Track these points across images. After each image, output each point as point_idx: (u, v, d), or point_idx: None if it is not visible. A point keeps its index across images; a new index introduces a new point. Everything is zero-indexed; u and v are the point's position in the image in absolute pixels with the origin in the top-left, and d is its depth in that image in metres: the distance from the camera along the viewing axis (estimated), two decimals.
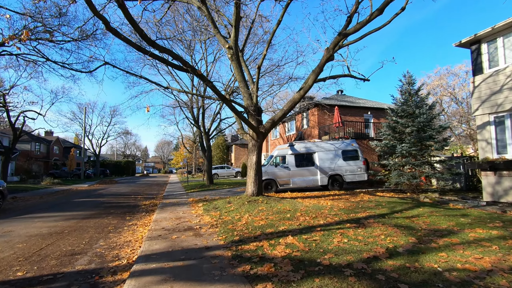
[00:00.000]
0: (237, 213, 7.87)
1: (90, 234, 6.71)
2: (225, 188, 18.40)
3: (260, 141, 9.98)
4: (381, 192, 12.33)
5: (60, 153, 47.57)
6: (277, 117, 9.77)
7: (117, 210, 10.61)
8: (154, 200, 13.96)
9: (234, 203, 8.98)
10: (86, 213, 9.82)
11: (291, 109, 9.76)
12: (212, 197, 12.86)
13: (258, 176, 9.91)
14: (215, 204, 9.76)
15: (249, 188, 9.81)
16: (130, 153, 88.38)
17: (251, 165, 9.94)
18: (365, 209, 8.08)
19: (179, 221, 7.51)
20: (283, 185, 13.17)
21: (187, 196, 14.65)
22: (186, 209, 9.75)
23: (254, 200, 9.04)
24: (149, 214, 9.56)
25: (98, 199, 14.55)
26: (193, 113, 21.26)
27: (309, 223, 6.33)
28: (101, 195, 16.85)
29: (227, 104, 8.09)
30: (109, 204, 12.48)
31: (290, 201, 9.36)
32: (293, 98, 9.51)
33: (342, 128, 18.87)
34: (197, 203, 11.00)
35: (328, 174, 13.16)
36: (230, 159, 48.61)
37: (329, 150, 13.47)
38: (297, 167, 13.27)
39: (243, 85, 9.73)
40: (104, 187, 24.96)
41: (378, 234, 5.19)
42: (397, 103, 12.05)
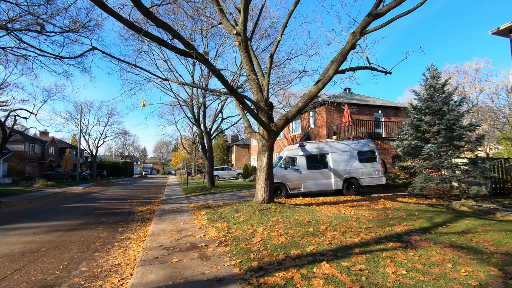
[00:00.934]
0: (249, 225, 6.68)
1: (72, 253, 5.50)
2: (228, 191, 17.21)
3: (271, 140, 8.81)
4: (402, 198, 11.16)
5: (55, 154, 46.22)
6: (291, 114, 8.60)
7: (109, 218, 9.39)
8: (152, 205, 12.75)
9: (243, 212, 7.79)
10: (73, 223, 8.60)
11: (306, 105, 8.60)
12: (215, 203, 11.66)
13: (270, 180, 8.73)
14: (220, 212, 8.56)
15: (259, 194, 8.62)
16: (128, 154, 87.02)
17: (261, 168, 8.76)
18: (399, 220, 6.90)
19: (180, 236, 6.31)
20: (293, 189, 11.99)
21: (187, 201, 13.45)
22: (187, 218, 8.55)
23: (266, 209, 7.85)
24: (145, 224, 8.36)
25: (90, 204, 13.33)
26: (193, 112, 20.07)
27: (340, 241, 5.14)
28: (94, 199, 15.62)
29: (236, 96, 6.92)
30: (102, 210, 11.26)
31: (307, 209, 8.18)
32: (310, 92, 8.34)
33: (352, 128, 17.72)
34: (199, 210, 9.80)
35: (343, 177, 11.99)
36: (230, 160, 47.41)
37: (343, 151, 12.30)
38: (309, 170, 12.09)
39: (253, 77, 8.56)
40: (100, 189, 23.71)
41: (440, 260, 4.01)
42: (420, 99, 10.90)
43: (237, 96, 6.92)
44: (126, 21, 5.03)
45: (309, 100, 8.45)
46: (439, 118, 10.22)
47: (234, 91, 6.74)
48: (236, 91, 6.87)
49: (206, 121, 20.14)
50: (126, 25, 5.05)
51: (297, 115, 8.75)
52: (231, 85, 6.71)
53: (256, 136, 9.22)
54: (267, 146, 8.76)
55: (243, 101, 7.26)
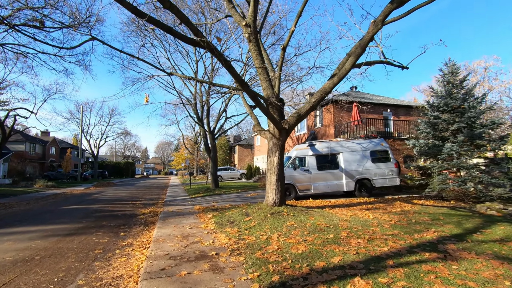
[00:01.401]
0: (261, 230, 6.14)
1: (69, 262, 4.98)
2: (233, 192, 16.67)
3: (283, 139, 8.27)
4: (418, 200, 10.59)
5: (56, 154, 45.83)
6: (304, 111, 8.06)
7: (110, 221, 8.88)
8: (155, 207, 12.24)
9: (254, 216, 7.25)
10: (72, 227, 8.09)
11: (320, 101, 8.05)
12: (221, 205, 11.13)
13: (281, 181, 8.18)
14: (229, 215, 8.02)
15: (270, 197, 8.08)
16: (130, 154, 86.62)
17: (271, 169, 8.22)
18: (425, 225, 6.34)
19: (187, 242, 5.79)
20: (303, 190, 11.44)
21: (191, 203, 12.93)
22: (193, 222, 8.02)
23: (278, 212, 7.31)
24: (148, 228, 7.84)
25: (90, 206, 12.82)
26: (196, 111, 19.56)
27: (368, 250, 4.60)
28: (95, 200, 15.12)
29: (247, 91, 6.39)
30: (102, 213, 10.75)
31: (321, 213, 7.63)
32: (324, 87, 7.80)
33: (361, 127, 17.17)
34: (205, 213, 9.27)
35: (355, 178, 11.43)
36: (233, 160, 46.89)
37: (355, 150, 11.73)
38: (319, 170, 11.54)
39: (263, 70, 8.02)
40: (101, 190, 23.24)
41: (492, 276, 3.46)
42: (438, 95, 10.33)
43: (248, 90, 6.39)
44: (130, 6, 4.51)
45: (323, 96, 7.91)
46: (458, 115, 9.66)
47: (245, 84, 6.21)
48: (247, 85, 6.34)
49: (209, 120, 19.62)
50: (130, 10, 4.53)
51: (310, 112, 8.22)
52: (241, 78, 6.18)
53: (266, 134, 8.69)
54: (278, 145, 8.22)
55: (255, 96, 6.72)
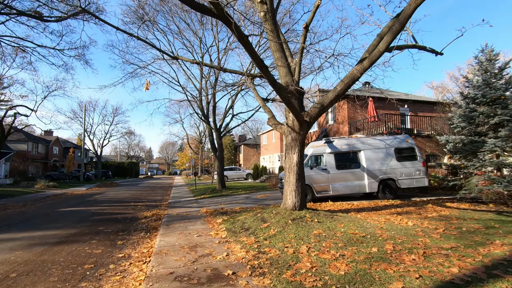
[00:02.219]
0: (285, 241, 5.10)
1: (49, 283, 4.00)
2: (241, 193, 15.66)
3: (303, 133, 7.23)
4: (451, 203, 9.47)
5: (60, 154, 45.26)
6: (328, 100, 7.00)
7: (108, 226, 7.91)
8: (158, 209, 11.27)
9: (273, 222, 6.22)
10: (64, 233, 7.14)
11: (347, 89, 7.00)
12: (230, 207, 10.12)
13: (301, 182, 7.14)
14: (242, 221, 6.99)
15: (289, 199, 7.04)
16: (134, 154, 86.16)
17: (290, 167, 7.18)
18: (483, 236, 5.25)
19: (196, 255, 4.78)
20: (320, 192, 10.38)
21: (197, 205, 11.94)
22: (201, 228, 7.01)
23: (299, 218, 6.27)
24: (150, 235, 6.85)
25: (89, 208, 11.90)
26: (202, 108, 18.58)
27: (431, 271, 3.54)
28: (95, 202, 14.21)
29: (266, 74, 5.37)
30: (101, 216, 9.81)
31: (349, 218, 6.56)
32: (352, 73, 6.74)
33: (377, 124, 16.05)
34: (214, 217, 8.27)
35: (379, 178, 10.32)
36: (238, 160, 45.91)
37: (378, 147, 10.63)
38: (338, 170, 10.46)
39: (280, 55, 6.99)
40: (103, 191, 22.39)
41: None
42: (473, 86, 9.21)
43: (268, 74, 5.38)
44: None
45: (350, 84, 6.85)
46: (499, 107, 8.53)
47: (264, 66, 5.20)
48: (266, 67, 5.32)
49: (215, 117, 18.64)
50: None
51: (334, 102, 7.16)
52: (260, 58, 5.18)
53: (283, 128, 7.65)
54: (298, 141, 7.17)
55: (274, 82, 5.70)
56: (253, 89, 10.15)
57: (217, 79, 16.71)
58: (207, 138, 54.96)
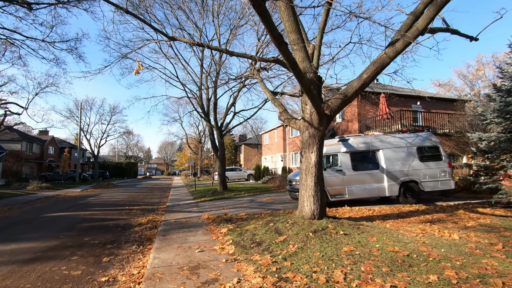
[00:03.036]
0: (310, 261, 4.06)
1: None
2: (244, 196, 14.61)
3: (323, 128, 6.18)
4: (482, 208, 8.45)
5: (56, 154, 44.08)
6: (352, 90, 5.97)
7: (95, 237, 6.86)
8: (154, 214, 10.23)
9: (290, 234, 5.17)
10: (42, 246, 6.08)
11: (374, 77, 5.97)
12: (235, 213, 9.07)
13: (320, 186, 6.10)
14: (251, 232, 5.93)
15: (306, 206, 6.00)
16: (132, 155, 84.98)
17: (307, 169, 6.13)
18: None
19: (198, 281, 3.73)
20: (335, 195, 9.33)
21: (198, 209, 10.89)
22: (203, 240, 5.96)
23: (321, 229, 5.22)
24: (143, 249, 5.80)
25: (79, 213, 10.83)
26: (202, 105, 17.50)
27: None
28: (87, 205, 13.14)
29: (284, 52, 4.33)
30: (90, 223, 8.74)
31: (378, 229, 5.51)
32: (381, 58, 5.72)
33: (390, 121, 15.04)
34: (217, 226, 7.22)
35: (400, 180, 9.29)
36: (239, 160, 44.85)
37: (399, 146, 9.60)
38: (355, 171, 9.42)
39: (297, 37, 5.95)
40: (98, 192, 21.32)
41: None
42: (509, 77, 8.18)
43: (286, 53, 4.34)
44: None
45: (379, 70, 5.83)
46: None
47: (283, 42, 4.17)
48: (286, 44, 4.29)
49: (216, 115, 17.57)
50: None
51: (359, 92, 6.12)
52: (279, 32, 4.15)
53: (298, 124, 6.61)
54: (317, 137, 6.13)
55: (294, 64, 4.66)
56: (260, 81, 9.10)
57: (218, 73, 15.65)
58: (207, 138, 53.89)
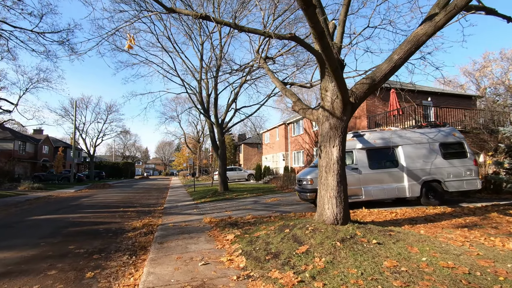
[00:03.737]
0: (348, 281, 3.20)
1: None
2: (247, 197, 13.73)
3: (347, 119, 5.33)
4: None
5: (50, 154, 42.94)
6: (381, 74, 5.13)
7: (82, 244, 5.95)
8: (151, 217, 9.34)
9: (311, 243, 4.30)
10: (17, 257, 5.17)
11: (407, 58, 5.11)
12: (239, 215, 8.19)
13: (343, 186, 5.25)
14: (263, 238, 5.05)
15: (327, 209, 5.13)
16: (130, 154, 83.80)
17: (328, 166, 5.27)
18: None
19: None
20: (350, 196, 8.43)
21: (198, 211, 10.00)
22: (207, 250, 5.08)
23: (349, 238, 4.36)
24: (136, 260, 4.91)
25: (68, 216, 9.91)
26: (202, 101, 16.60)
27: None
28: (78, 207, 12.20)
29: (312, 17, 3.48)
30: (79, 227, 7.83)
31: (414, 237, 4.65)
32: (416, 34, 4.90)
33: (401, 118, 14.25)
34: (221, 231, 6.33)
35: (421, 179, 8.45)
36: (238, 160, 43.95)
37: (420, 142, 8.77)
38: (372, 169, 8.57)
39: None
40: (92, 193, 20.35)
41: None
42: None
43: (314, 19, 3.48)
44: None
45: (412, 50, 4.99)
46: None
47: (310, 4, 3.31)
48: (314, 7, 3.43)
49: (217, 111, 16.67)
50: None
51: (389, 77, 5.27)
52: None
53: (316, 114, 5.74)
54: (340, 128, 5.26)
55: (322, 34, 3.81)
56: (267, 70, 8.25)
57: (219, 68, 14.76)
58: (206, 137, 52.95)
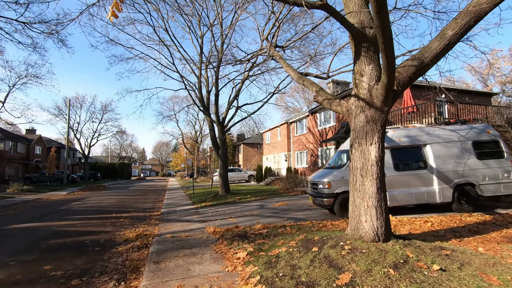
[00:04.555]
0: None
1: None
2: (251, 200, 12.69)
3: (388, 109, 4.32)
4: None
5: (43, 154, 41.55)
6: (431, 54, 4.14)
7: (61, 263, 4.88)
8: (146, 225, 8.29)
9: (355, 270, 3.27)
10: None
11: (463, 34, 4.11)
12: (247, 224, 7.14)
13: (384, 193, 4.24)
14: (285, 260, 4.01)
15: (365, 222, 4.11)
16: (126, 155, 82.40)
17: (364, 168, 4.27)
18: None
19: None
20: None
21: (199, 218, 8.94)
22: (215, 275, 4.02)
23: (402, 262, 3.35)
24: (124, 287, 3.85)
25: (53, 223, 8.82)
26: (202, 97, 15.53)
27: None
28: (66, 213, 11.09)
29: None
30: (61, 238, 6.74)
31: (478, 259, 3.65)
32: (477, 2, 3.88)
33: (416, 115, 13.31)
34: (229, 245, 5.28)
35: (453, 182, 7.46)
36: (237, 160, 42.88)
37: (450, 140, 7.78)
38: (397, 171, 7.57)
39: None
40: (85, 195, 19.22)
41: None
42: None
43: None
44: None
45: (472, 23, 4.02)
46: None
47: None
48: None
49: (218, 108, 15.60)
50: None
51: (440, 57, 4.25)
52: None
53: (347, 105, 4.72)
54: (379, 122, 4.25)
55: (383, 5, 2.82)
56: (279, 58, 7.23)
57: (220, 60, 13.71)
58: (204, 137, 51.79)
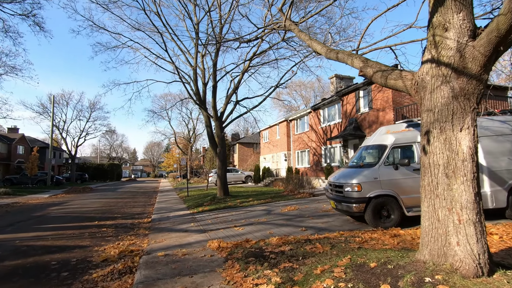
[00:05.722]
0: None
1: None
2: (254, 204, 11.28)
3: (486, 80, 2.96)
4: None
5: (26, 154, 39.15)
6: None
7: None
8: (133, 236, 6.82)
9: None
10: None
11: None
12: (258, 235, 5.73)
13: (479, 197, 2.88)
14: None
15: (457, 246, 2.76)
16: (117, 155, 79.85)
17: (451, 164, 2.93)
18: None
19: None
20: (412, 208, 6.13)
21: (197, 226, 7.49)
22: None
23: None
24: None
25: (18, 235, 7.24)
26: (197, 90, 14.03)
27: None
28: (39, 220, 9.48)
29: None
30: (20, 259, 5.21)
31: None
32: None
33: None
34: (243, 271, 3.87)
35: (508, 184, 6.20)
36: (232, 160, 41.38)
37: (502, 133, 6.54)
38: None
39: None
40: (68, 198, 17.49)
41: None
42: None
43: None
44: None
45: None
46: None
47: None
48: None
49: (216, 102, 14.12)
50: None
51: None
52: None
53: (417, 76, 3.37)
54: (473, 96, 2.92)
55: None
56: (298, 32, 5.88)
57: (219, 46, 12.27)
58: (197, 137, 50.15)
